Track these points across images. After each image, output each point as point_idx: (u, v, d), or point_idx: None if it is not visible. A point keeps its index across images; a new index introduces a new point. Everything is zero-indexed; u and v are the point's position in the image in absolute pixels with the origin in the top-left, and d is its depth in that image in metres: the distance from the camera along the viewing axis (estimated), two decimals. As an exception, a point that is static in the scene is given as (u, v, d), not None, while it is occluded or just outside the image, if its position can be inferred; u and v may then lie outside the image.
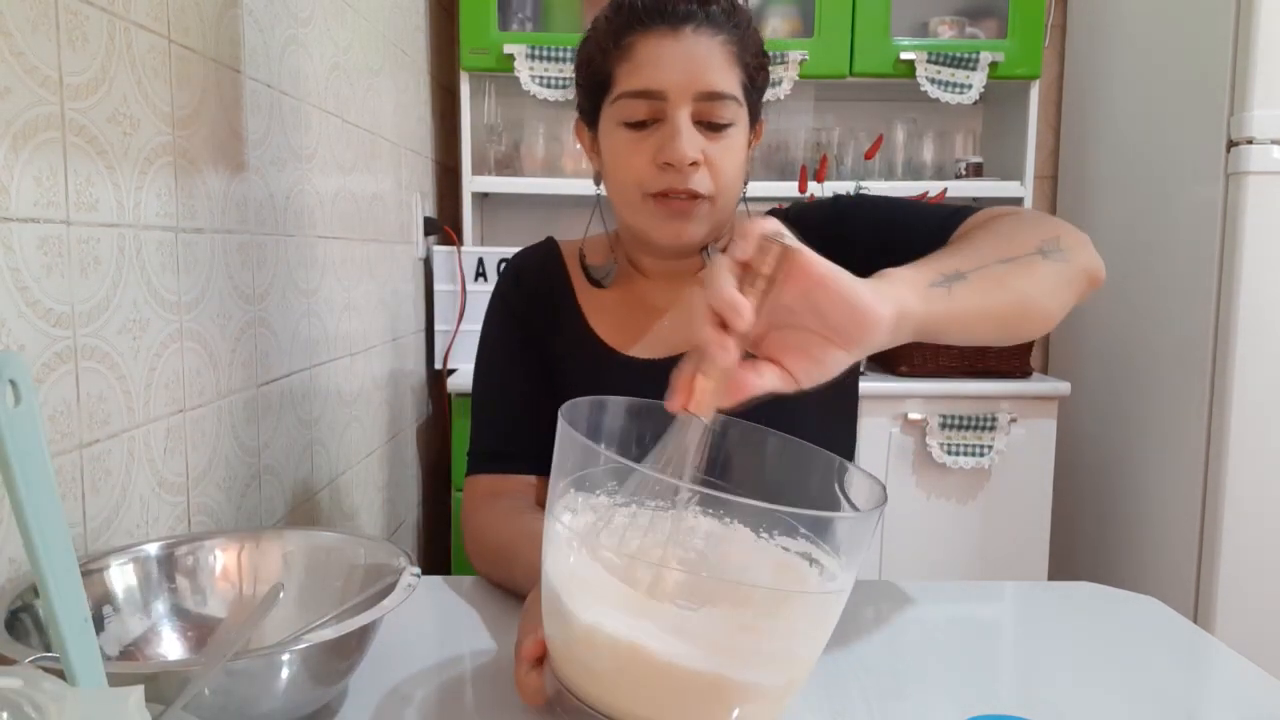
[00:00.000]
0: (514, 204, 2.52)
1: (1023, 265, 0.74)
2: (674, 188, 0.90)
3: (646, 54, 0.90)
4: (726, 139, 0.91)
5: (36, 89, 0.75)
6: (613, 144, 0.94)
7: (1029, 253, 0.76)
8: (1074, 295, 0.79)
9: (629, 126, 0.92)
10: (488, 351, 1.07)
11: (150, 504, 0.92)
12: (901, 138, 2.37)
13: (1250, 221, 1.82)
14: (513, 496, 0.99)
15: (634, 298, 1.03)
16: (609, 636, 0.58)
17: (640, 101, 0.90)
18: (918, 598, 0.95)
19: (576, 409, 0.65)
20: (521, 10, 2.25)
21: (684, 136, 0.89)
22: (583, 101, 0.98)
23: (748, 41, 0.93)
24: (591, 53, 0.95)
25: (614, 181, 0.96)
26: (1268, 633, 1.86)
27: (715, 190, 0.91)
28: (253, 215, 1.17)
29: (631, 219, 0.96)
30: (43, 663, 0.53)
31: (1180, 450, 1.99)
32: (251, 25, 1.16)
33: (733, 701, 0.59)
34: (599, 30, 0.94)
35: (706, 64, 0.89)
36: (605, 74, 0.93)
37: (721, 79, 0.90)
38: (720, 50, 0.90)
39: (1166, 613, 0.92)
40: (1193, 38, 1.97)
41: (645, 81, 0.90)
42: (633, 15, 0.91)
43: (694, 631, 0.57)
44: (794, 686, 0.63)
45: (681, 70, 0.89)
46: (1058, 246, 0.78)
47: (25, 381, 0.42)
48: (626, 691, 0.59)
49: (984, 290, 0.70)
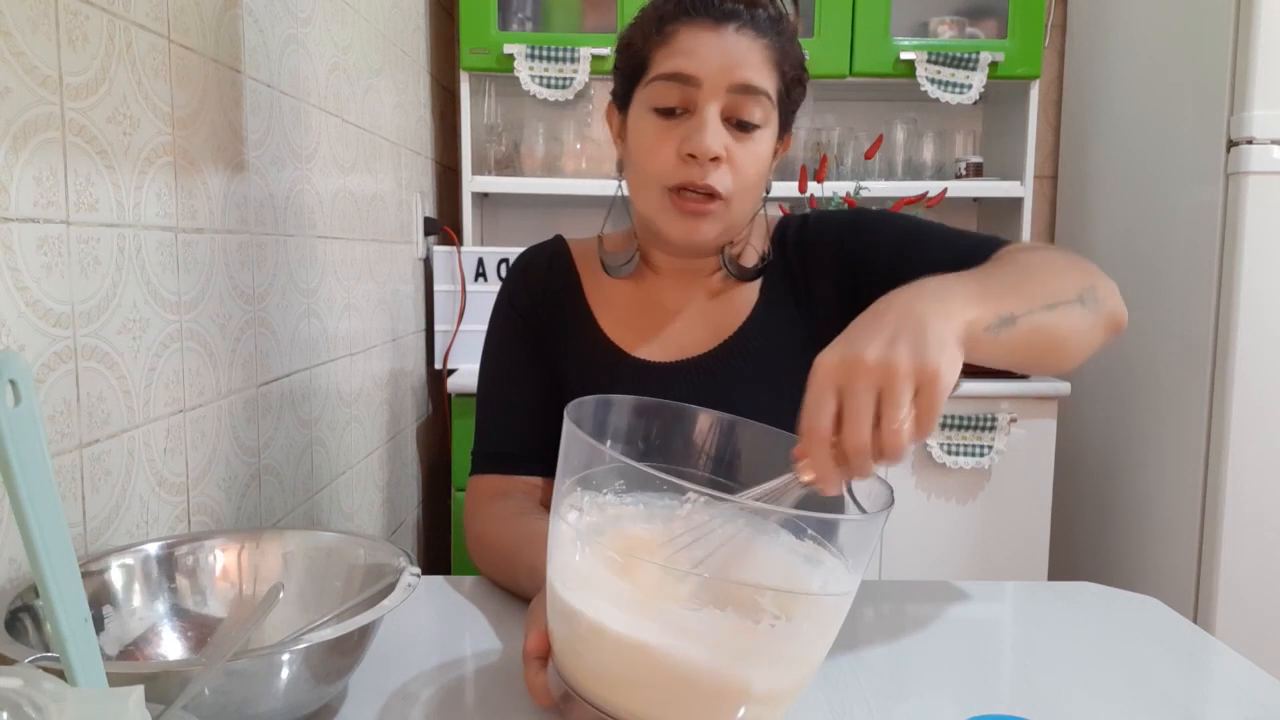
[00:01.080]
0: (514, 204, 2.52)
1: (1063, 313, 0.78)
2: (693, 182, 0.90)
3: (686, 41, 0.90)
4: (753, 140, 0.91)
5: (36, 89, 0.75)
6: (640, 129, 0.94)
7: (1070, 300, 0.79)
8: (1099, 342, 0.83)
9: (659, 113, 0.92)
10: (493, 350, 1.06)
11: (150, 504, 0.92)
12: (901, 138, 2.37)
13: (1250, 221, 1.82)
14: (517, 497, 0.99)
15: (645, 295, 1.03)
16: (613, 636, 0.58)
17: (673, 86, 0.90)
18: (918, 598, 0.95)
19: (582, 407, 0.65)
20: (521, 10, 2.25)
21: (710, 129, 0.89)
22: (617, 85, 0.99)
23: (788, 52, 0.94)
24: (633, 36, 0.96)
25: (635, 169, 0.95)
26: (1268, 633, 1.86)
27: (733, 190, 0.91)
28: (253, 215, 1.17)
29: (647, 210, 0.95)
30: (43, 663, 0.53)
31: (1180, 450, 1.99)
32: (251, 25, 1.16)
33: (737, 702, 0.59)
34: (644, 16, 0.95)
35: (744, 59, 0.90)
36: (643, 58, 0.94)
37: (756, 75, 0.90)
38: (760, 51, 0.91)
39: (1166, 613, 0.92)
40: (1193, 38, 1.97)
41: (681, 65, 0.90)
42: (679, 5, 0.92)
43: (699, 632, 0.57)
44: (799, 687, 0.63)
45: (718, 60, 0.89)
46: (1094, 296, 0.81)
47: (25, 381, 0.42)
48: (630, 691, 0.59)
49: (1028, 338, 0.73)
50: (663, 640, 0.57)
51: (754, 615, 0.57)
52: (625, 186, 1.00)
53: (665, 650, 0.56)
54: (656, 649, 0.56)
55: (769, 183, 0.98)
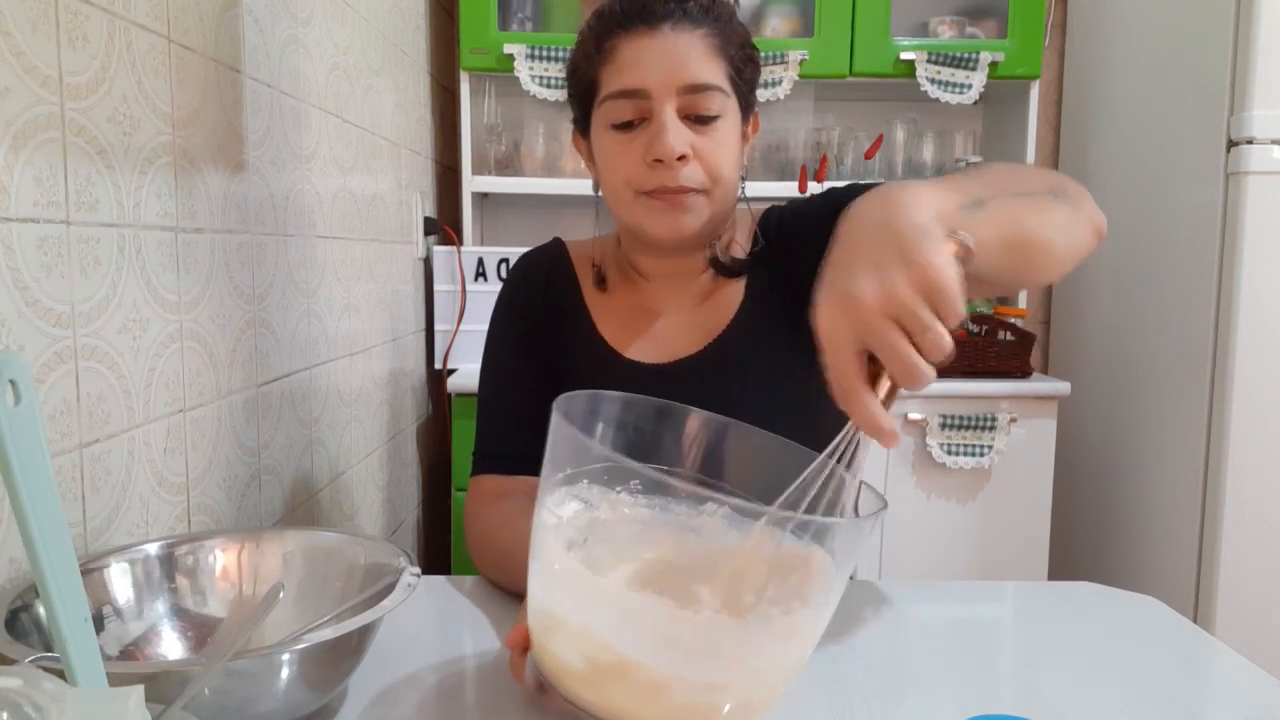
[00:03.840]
0: (514, 204, 2.52)
1: (1036, 201, 0.73)
2: (665, 185, 0.91)
3: (627, 55, 0.91)
4: (715, 131, 0.92)
5: (36, 89, 0.75)
6: (603, 147, 0.95)
7: (1040, 191, 0.75)
8: (1084, 244, 0.77)
9: (617, 128, 0.93)
10: (494, 351, 1.07)
11: (150, 504, 0.92)
12: (901, 138, 2.37)
13: (1250, 221, 1.82)
14: (518, 498, 0.99)
15: (637, 300, 1.03)
16: (587, 634, 0.58)
17: (625, 102, 0.91)
18: (918, 598, 0.95)
19: (572, 402, 0.65)
20: (521, 10, 2.25)
21: (670, 131, 0.89)
22: (575, 111, 1.00)
23: (730, 34, 0.93)
24: (577, 61, 0.97)
25: (608, 184, 0.96)
26: (1268, 633, 1.86)
27: (708, 182, 0.92)
28: (253, 215, 1.17)
29: (628, 218, 0.96)
30: (43, 663, 0.53)
31: (1180, 450, 1.99)
32: (251, 25, 1.16)
33: (722, 700, 0.58)
34: (584, 39, 0.96)
35: (686, 58, 0.90)
36: (591, 80, 0.95)
37: (703, 70, 0.90)
38: (701, 43, 0.91)
39: (1166, 613, 0.92)
40: (1193, 38, 1.97)
41: (627, 81, 0.91)
42: (612, 20, 0.93)
43: (676, 634, 0.56)
44: (771, 696, 0.62)
45: (661, 66, 0.90)
46: (1065, 192, 0.77)
47: (25, 381, 0.42)
48: (599, 688, 0.59)
49: (1003, 225, 0.67)
50: (633, 639, 0.56)
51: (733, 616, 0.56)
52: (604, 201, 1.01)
53: (636, 651, 0.56)
54: (626, 648, 0.56)
55: (745, 168, 0.98)
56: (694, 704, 0.58)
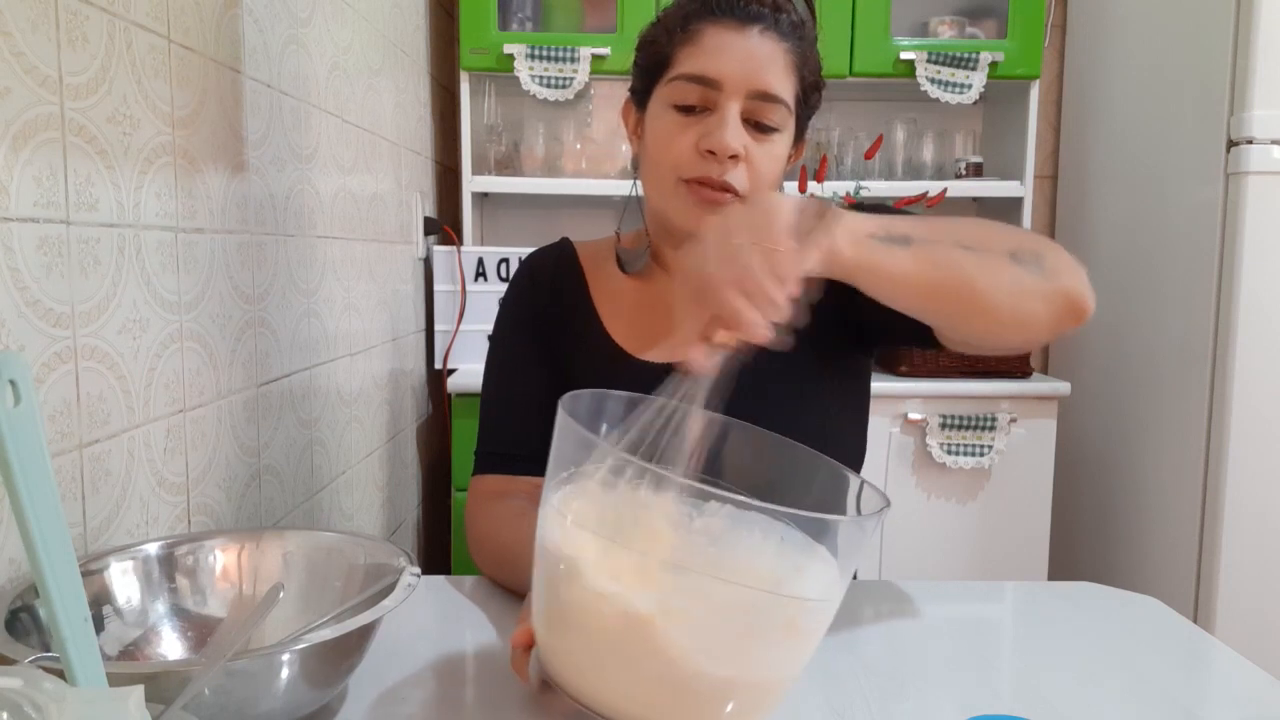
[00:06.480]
0: (514, 204, 2.52)
1: (982, 259, 0.74)
2: (710, 177, 0.90)
3: (710, 42, 0.91)
4: (770, 143, 0.92)
5: (36, 89, 0.75)
6: (659, 124, 0.94)
7: (995, 251, 0.75)
8: (1046, 312, 0.77)
9: (679, 109, 0.92)
10: (498, 351, 1.06)
11: (150, 504, 0.92)
12: (901, 138, 2.37)
13: (1250, 221, 1.82)
14: (519, 498, 0.99)
15: (653, 296, 1.03)
16: (579, 622, 0.58)
17: (695, 86, 0.91)
18: (918, 598, 0.95)
19: (577, 400, 0.65)
20: (521, 10, 2.25)
21: (730, 127, 0.89)
22: (636, 82, 0.99)
23: (808, 58, 0.95)
24: (656, 34, 0.96)
25: (651, 162, 0.96)
26: (1268, 633, 1.86)
27: (749, 189, 0.91)
28: (253, 215, 1.17)
29: (661, 202, 0.96)
30: (43, 663, 0.53)
31: (1180, 450, 1.99)
32: (251, 25, 1.16)
33: (726, 697, 0.58)
34: (668, 14, 0.96)
35: (767, 64, 0.90)
36: (666, 55, 0.94)
37: (777, 82, 0.91)
38: (782, 56, 0.91)
39: (1166, 613, 0.92)
40: (1193, 38, 1.97)
41: (703, 67, 0.90)
42: (705, 4, 0.92)
43: (680, 629, 0.56)
44: (781, 687, 0.62)
45: (741, 64, 0.90)
46: (1038, 261, 0.76)
47: (25, 381, 0.42)
48: (605, 682, 0.59)
49: (924, 263, 0.72)
50: (638, 633, 0.56)
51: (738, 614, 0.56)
52: (640, 186, 1.00)
53: (639, 644, 0.56)
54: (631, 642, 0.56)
55: (781, 189, 0.98)
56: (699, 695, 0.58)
